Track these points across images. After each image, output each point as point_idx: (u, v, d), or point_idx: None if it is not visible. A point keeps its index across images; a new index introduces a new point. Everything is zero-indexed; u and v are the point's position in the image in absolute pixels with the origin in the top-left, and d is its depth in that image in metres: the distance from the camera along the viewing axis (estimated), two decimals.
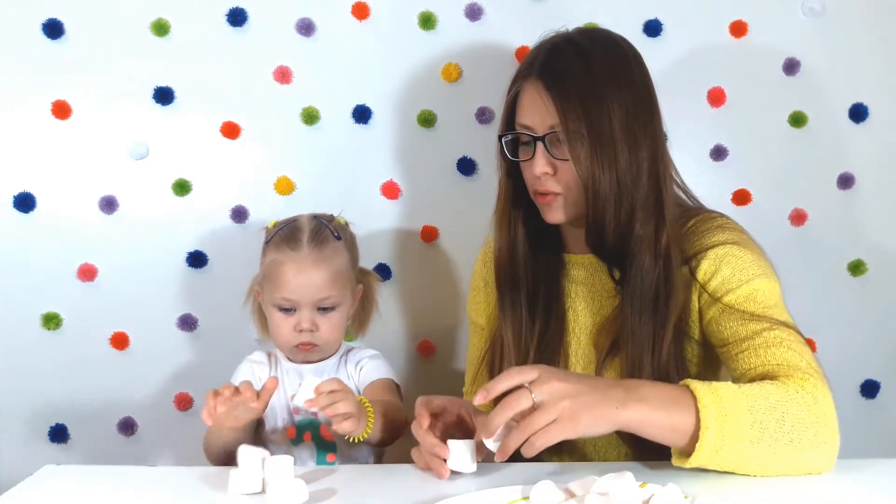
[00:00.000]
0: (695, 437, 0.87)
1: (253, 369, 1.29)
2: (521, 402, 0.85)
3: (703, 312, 1.07)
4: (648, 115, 1.08)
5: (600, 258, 1.13)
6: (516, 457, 1.03)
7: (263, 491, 0.91)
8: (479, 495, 0.88)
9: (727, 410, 0.87)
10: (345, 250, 1.26)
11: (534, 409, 0.85)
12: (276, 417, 1.26)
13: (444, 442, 0.94)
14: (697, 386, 0.89)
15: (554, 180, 1.08)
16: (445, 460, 0.93)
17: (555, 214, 1.11)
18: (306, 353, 1.25)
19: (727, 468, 0.89)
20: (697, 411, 0.87)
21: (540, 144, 1.07)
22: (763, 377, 0.97)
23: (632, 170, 1.04)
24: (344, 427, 1.03)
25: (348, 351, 1.32)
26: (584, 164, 1.04)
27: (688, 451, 0.88)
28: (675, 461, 0.91)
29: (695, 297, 1.08)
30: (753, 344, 1.00)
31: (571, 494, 0.86)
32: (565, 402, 0.85)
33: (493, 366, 1.18)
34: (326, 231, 1.24)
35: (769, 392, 0.90)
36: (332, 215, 1.31)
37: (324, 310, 1.23)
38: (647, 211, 1.06)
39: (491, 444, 0.89)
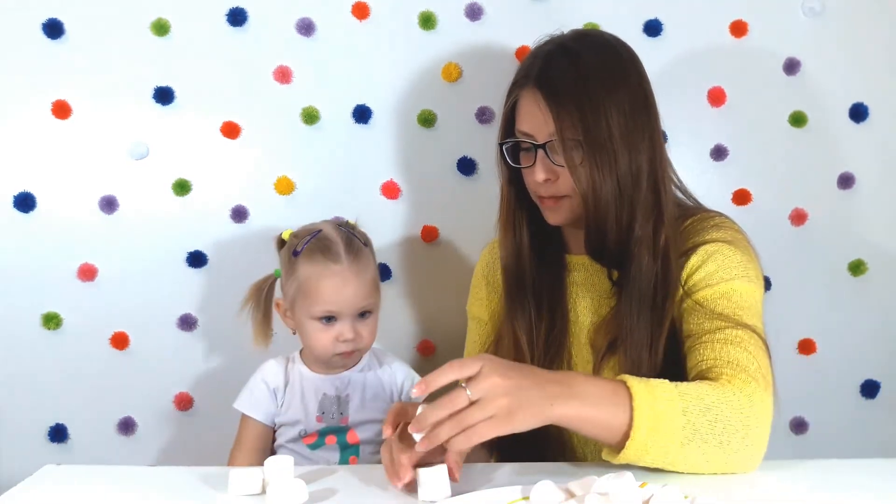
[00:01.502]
0: (627, 435, 0.87)
1: (267, 390, 1.28)
2: (456, 403, 0.84)
3: (680, 304, 1.08)
4: (645, 116, 1.08)
5: (598, 263, 1.13)
6: (516, 456, 1.04)
7: (263, 491, 0.91)
8: (479, 495, 0.88)
9: (661, 412, 0.87)
10: (371, 256, 1.28)
11: (470, 404, 0.84)
12: (297, 427, 1.26)
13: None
14: (634, 384, 0.89)
15: (556, 186, 1.08)
16: (417, 488, 0.89)
17: (558, 216, 1.12)
18: (346, 360, 1.26)
19: (655, 465, 0.90)
20: (632, 409, 0.87)
21: (540, 152, 1.07)
22: (710, 370, 0.98)
23: (631, 173, 1.05)
24: None
25: (372, 358, 1.32)
26: (583, 172, 1.04)
27: (619, 448, 0.88)
28: (605, 455, 0.91)
29: (679, 291, 1.08)
30: (713, 338, 1.01)
31: (571, 494, 0.86)
32: (503, 401, 0.84)
33: None
34: (356, 240, 1.25)
35: (705, 393, 0.91)
36: (348, 221, 1.31)
37: (362, 315, 1.24)
38: (646, 212, 1.07)
39: (417, 434, 0.86)
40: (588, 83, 1.05)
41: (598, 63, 1.07)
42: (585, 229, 1.08)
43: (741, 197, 1.50)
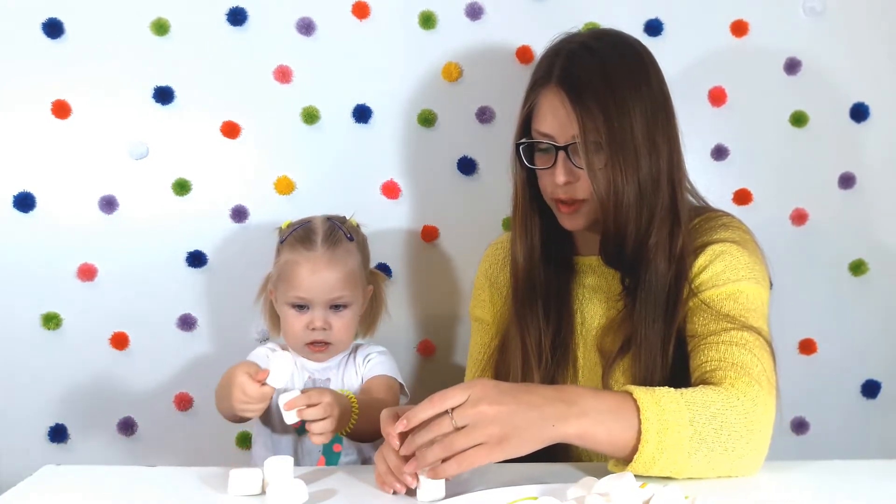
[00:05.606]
0: (635, 448, 0.87)
1: (268, 354, 1.29)
2: (441, 428, 0.84)
3: (685, 302, 1.07)
4: (665, 118, 1.07)
5: (613, 268, 1.11)
6: (513, 458, 1.04)
7: (263, 491, 0.91)
8: (479, 495, 0.87)
9: (669, 423, 0.87)
10: (357, 251, 1.28)
11: (456, 430, 0.83)
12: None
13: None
14: (641, 395, 0.89)
15: (575, 188, 1.06)
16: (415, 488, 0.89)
17: (575, 222, 1.10)
18: (317, 352, 1.27)
19: (662, 475, 0.89)
20: (640, 422, 0.87)
21: (561, 153, 1.05)
22: (713, 372, 0.97)
23: (652, 176, 1.03)
24: (316, 440, 1.08)
25: (356, 348, 1.33)
26: (604, 175, 1.02)
27: (627, 460, 0.88)
28: (611, 467, 0.91)
29: (685, 290, 1.07)
30: (717, 339, 1.00)
31: None
32: (492, 429, 0.83)
33: (501, 367, 1.17)
34: (339, 232, 1.26)
35: (710, 400, 0.90)
36: (344, 217, 1.32)
37: (336, 308, 1.25)
38: (664, 216, 1.05)
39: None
40: (613, 84, 1.03)
41: (622, 63, 1.05)
42: (603, 235, 1.06)
43: (741, 197, 1.50)
